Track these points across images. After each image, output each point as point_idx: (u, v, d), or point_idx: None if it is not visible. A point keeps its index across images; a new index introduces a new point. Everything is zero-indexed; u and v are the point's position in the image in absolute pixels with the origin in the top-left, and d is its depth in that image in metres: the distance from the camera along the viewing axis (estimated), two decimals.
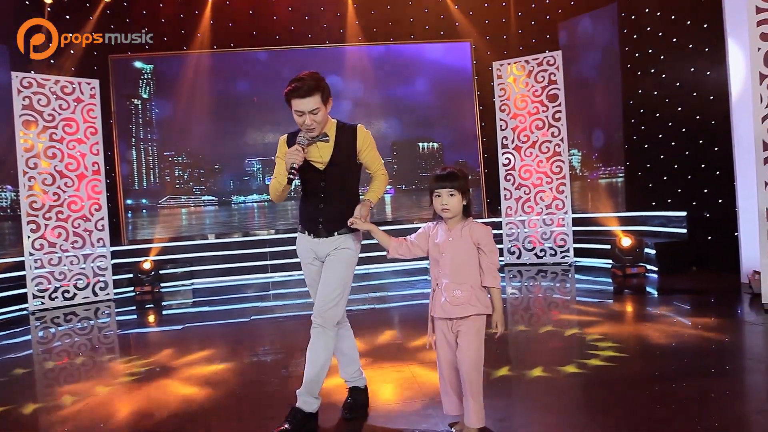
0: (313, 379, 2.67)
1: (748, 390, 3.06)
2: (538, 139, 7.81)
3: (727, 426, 2.46)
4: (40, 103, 7.07)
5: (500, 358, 3.72)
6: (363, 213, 2.67)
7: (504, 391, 3.13)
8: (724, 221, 6.07)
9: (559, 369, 3.38)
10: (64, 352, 4.84)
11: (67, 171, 7.23)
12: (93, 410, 3.24)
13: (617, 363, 3.43)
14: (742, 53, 5.35)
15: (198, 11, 8.79)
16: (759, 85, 4.40)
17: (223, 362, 4.13)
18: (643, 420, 2.59)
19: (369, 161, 2.84)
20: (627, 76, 7.66)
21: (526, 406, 2.96)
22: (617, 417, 2.67)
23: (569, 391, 3.10)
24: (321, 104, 2.61)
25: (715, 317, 4.42)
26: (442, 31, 9.24)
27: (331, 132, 2.75)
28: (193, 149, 8.88)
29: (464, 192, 2.40)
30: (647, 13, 7.16)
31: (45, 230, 7.05)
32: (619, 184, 8.00)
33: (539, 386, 3.16)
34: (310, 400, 2.69)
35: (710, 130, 6.31)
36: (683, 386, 2.98)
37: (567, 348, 3.92)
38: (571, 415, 2.76)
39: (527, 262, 7.93)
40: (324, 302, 2.68)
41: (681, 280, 6.04)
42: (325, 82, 2.66)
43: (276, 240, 8.79)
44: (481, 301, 2.37)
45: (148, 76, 8.75)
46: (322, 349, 2.69)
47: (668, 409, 2.69)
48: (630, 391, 2.98)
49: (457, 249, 2.40)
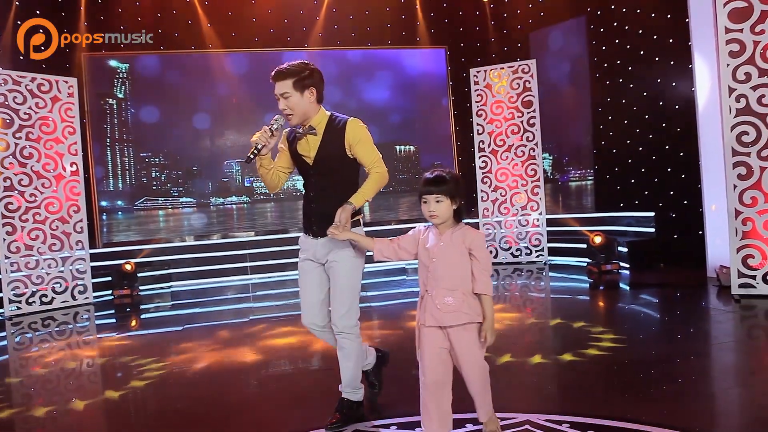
0: (352, 376, 2.79)
1: (726, 367, 3.43)
2: (514, 144, 8.17)
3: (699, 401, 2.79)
4: (16, 101, 6.86)
5: (504, 347, 3.96)
6: (341, 219, 2.52)
7: (506, 377, 3.37)
8: (690, 221, 6.58)
9: (557, 357, 3.66)
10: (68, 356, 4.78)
11: (44, 171, 7.04)
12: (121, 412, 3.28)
13: (610, 351, 3.74)
14: (707, 68, 5.85)
15: (176, 11, 8.71)
16: (728, 98, 4.85)
17: (239, 359, 4.20)
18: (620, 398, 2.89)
19: (361, 157, 2.70)
20: (596, 84, 8.13)
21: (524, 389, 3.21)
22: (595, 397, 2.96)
23: (559, 376, 3.38)
24: (292, 89, 2.62)
25: (689, 307, 4.85)
26: (418, 37, 9.50)
27: (321, 125, 2.71)
28: (170, 150, 8.78)
29: (453, 196, 2.29)
30: (615, 27, 7.64)
31: (21, 232, 6.85)
32: (589, 186, 8.47)
33: (540, 371, 3.43)
34: (355, 391, 2.84)
35: (676, 136, 6.82)
36: (667, 368, 3.32)
37: (560, 338, 4.22)
38: (556, 396, 3.03)
39: (503, 261, 8.28)
40: (337, 312, 2.72)
41: (652, 276, 6.50)
42: (309, 72, 2.66)
43: (256, 242, 8.80)
44: (473, 309, 2.28)
45: (124, 76, 8.60)
46: (352, 351, 2.76)
47: (657, 389, 3.00)
48: (625, 373, 3.29)
49: (449, 254, 2.30)
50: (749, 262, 4.87)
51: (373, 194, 2.70)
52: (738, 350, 3.75)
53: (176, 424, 3.03)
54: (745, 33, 4.77)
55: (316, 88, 2.68)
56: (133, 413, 3.26)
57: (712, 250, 5.91)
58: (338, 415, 2.75)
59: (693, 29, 5.97)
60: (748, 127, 4.79)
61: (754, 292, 4.84)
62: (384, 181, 2.72)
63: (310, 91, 2.65)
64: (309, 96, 2.66)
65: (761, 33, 4.71)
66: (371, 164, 2.69)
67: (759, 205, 4.79)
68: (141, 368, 4.06)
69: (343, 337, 2.74)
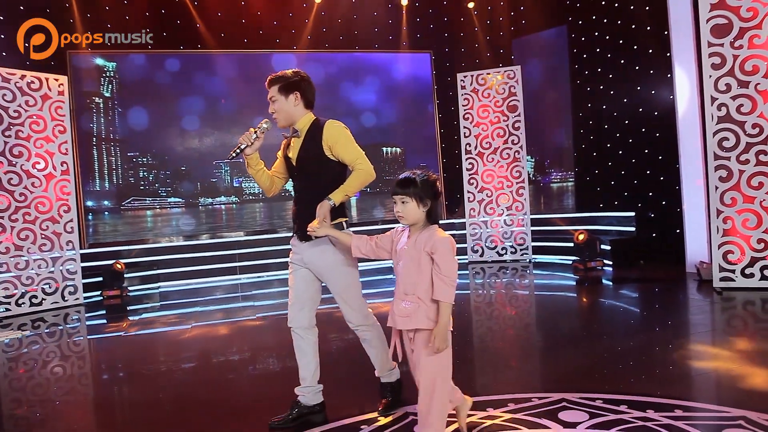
0: (382, 361, 2.93)
1: (713, 349, 3.78)
2: (499, 146, 8.49)
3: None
4: (5, 98, 6.73)
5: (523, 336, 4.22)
6: (320, 214, 2.59)
7: (530, 361, 3.62)
8: (668, 220, 7.03)
9: (572, 342, 3.94)
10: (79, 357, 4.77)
11: (34, 170, 6.93)
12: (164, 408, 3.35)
13: (617, 337, 4.04)
14: (687, 78, 6.28)
15: (165, 10, 8.67)
16: (711, 106, 5.25)
17: (265, 356, 4.31)
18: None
19: (343, 156, 2.73)
20: (576, 91, 8.54)
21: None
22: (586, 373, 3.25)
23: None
24: (278, 93, 2.78)
25: (675, 299, 5.24)
26: (405, 41, 9.73)
27: (305, 128, 2.82)
28: (158, 150, 8.72)
29: (421, 198, 2.23)
30: (597, 36, 8.06)
31: (11, 232, 6.72)
32: (570, 187, 8.88)
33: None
34: (390, 373, 2.99)
35: (655, 141, 7.26)
36: (657, 350, 3.64)
37: (570, 327, 4.51)
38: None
39: (489, 260, 8.59)
40: (347, 314, 2.86)
41: (635, 272, 6.90)
42: (297, 79, 2.80)
43: (245, 242, 8.84)
44: (428, 315, 2.20)
45: (111, 74, 8.50)
46: (374, 339, 2.90)
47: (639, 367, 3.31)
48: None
49: (410, 257, 2.25)
50: (729, 257, 5.29)
51: (354, 190, 2.72)
52: (727, 333, 4.11)
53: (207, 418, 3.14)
54: (726, 47, 5.18)
55: (301, 92, 2.81)
56: (166, 410, 3.34)
57: (691, 247, 6.34)
58: (385, 400, 2.92)
59: (673, 42, 6.39)
60: (729, 133, 5.20)
61: (733, 285, 5.26)
62: (368, 177, 2.72)
63: (294, 95, 2.79)
64: (294, 100, 2.79)
65: (740, 48, 5.12)
66: (353, 162, 2.72)
67: (738, 204, 5.21)
68: (166, 367, 4.12)
69: (362, 331, 2.88)
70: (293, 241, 2.91)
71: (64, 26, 8.05)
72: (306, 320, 2.87)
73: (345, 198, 2.69)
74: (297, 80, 2.81)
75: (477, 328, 4.79)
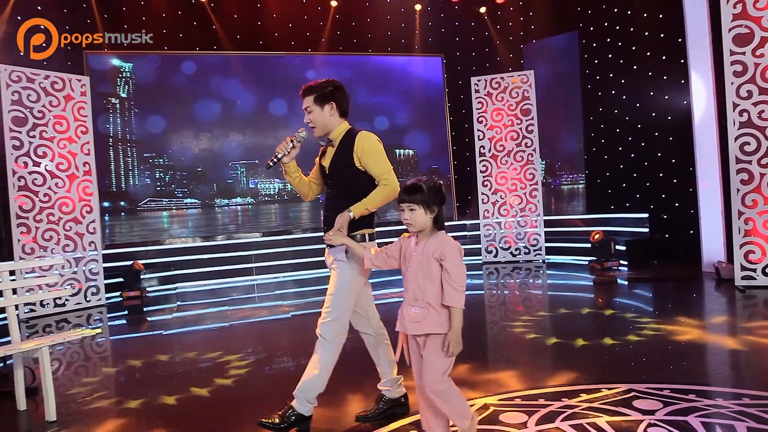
0: (310, 386, 2.74)
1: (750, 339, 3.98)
2: (513, 149, 8.68)
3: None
4: (30, 98, 6.72)
5: (549, 329, 4.37)
6: (337, 223, 2.62)
7: (587, 356, 3.78)
8: (681, 222, 7.27)
9: (618, 338, 4.11)
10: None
11: (58, 171, 6.92)
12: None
13: (659, 332, 4.22)
14: (703, 84, 6.53)
15: (181, 11, 8.70)
16: (732, 112, 5.49)
17: None
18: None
19: (370, 169, 2.74)
20: (587, 95, 8.77)
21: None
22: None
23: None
24: (313, 104, 2.80)
25: (699, 296, 5.46)
26: (417, 45, 9.89)
27: (339, 138, 2.85)
28: (174, 151, 8.74)
29: (428, 205, 2.25)
30: (608, 43, 8.30)
31: (35, 233, 6.71)
32: (580, 190, 9.11)
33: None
34: (303, 403, 2.76)
35: (668, 144, 7.50)
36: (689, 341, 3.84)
37: (604, 323, 4.68)
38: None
39: (502, 260, 8.77)
40: (323, 317, 2.77)
41: (652, 272, 7.09)
42: (330, 88, 2.82)
43: (260, 243, 8.89)
44: (438, 321, 2.23)
45: (127, 75, 8.50)
46: (321, 360, 2.73)
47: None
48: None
49: (419, 263, 2.27)
50: (750, 257, 5.52)
51: (376, 205, 2.70)
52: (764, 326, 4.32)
53: None
54: (747, 56, 5.41)
55: (337, 102, 2.82)
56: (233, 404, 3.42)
57: (707, 247, 6.58)
58: (276, 418, 2.73)
59: (690, 49, 6.63)
60: (750, 138, 5.44)
61: (754, 283, 5.50)
62: (391, 194, 2.69)
63: (330, 105, 2.81)
64: (329, 110, 2.81)
65: (761, 56, 5.36)
66: (380, 176, 2.72)
67: (759, 206, 5.45)
68: (227, 365, 4.20)
69: (320, 343, 2.76)
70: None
71: (81, 27, 8.02)
72: (362, 318, 2.94)
73: (365, 212, 2.68)
74: (331, 90, 2.82)
75: (515, 324, 4.93)
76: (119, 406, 3.38)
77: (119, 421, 3.15)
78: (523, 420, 2.76)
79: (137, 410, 3.31)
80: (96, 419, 3.20)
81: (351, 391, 3.37)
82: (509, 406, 2.97)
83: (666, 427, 2.57)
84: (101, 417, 3.23)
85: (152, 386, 3.75)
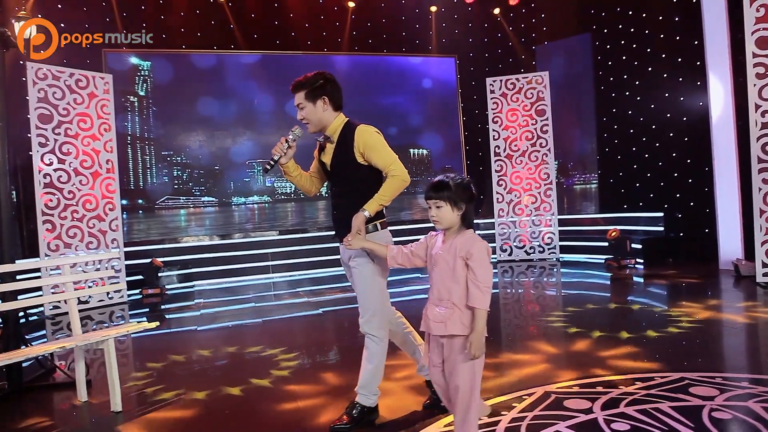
0: (369, 379, 2.77)
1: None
2: (528, 149, 8.81)
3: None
4: (55, 96, 6.75)
5: (595, 324, 4.47)
6: (354, 226, 2.56)
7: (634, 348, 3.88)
8: (696, 221, 7.42)
9: (644, 334, 4.22)
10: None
11: (82, 168, 6.95)
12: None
13: (700, 324, 4.33)
14: (721, 86, 6.67)
15: (199, 11, 8.75)
16: (755, 113, 5.63)
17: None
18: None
19: (376, 162, 2.66)
20: (600, 96, 8.92)
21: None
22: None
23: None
24: (305, 100, 2.70)
25: (723, 292, 5.60)
26: (430, 46, 9.99)
27: (337, 133, 2.76)
28: (192, 150, 8.78)
29: (455, 202, 2.19)
30: (622, 45, 8.44)
31: (60, 230, 6.74)
32: (592, 189, 9.25)
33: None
34: (368, 396, 2.80)
35: (683, 145, 7.65)
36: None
37: (640, 318, 4.80)
38: None
39: (517, 259, 8.88)
40: (361, 317, 2.78)
41: (669, 269, 7.21)
42: (321, 82, 2.71)
43: (278, 241, 8.94)
44: (463, 322, 2.16)
45: (146, 73, 8.53)
46: (374, 354, 2.76)
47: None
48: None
49: (445, 263, 2.22)
50: None
51: (389, 198, 2.63)
52: None
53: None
54: None
55: (329, 96, 2.73)
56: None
57: (725, 245, 6.72)
58: (347, 417, 2.76)
59: (708, 52, 6.78)
60: None
61: None
62: (402, 183, 2.63)
63: (322, 100, 2.71)
64: (322, 105, 2.72)
65: None
66: (386, 168, 2.65)
67: None
68: (274, 358, 4.26)
69: (368, 339, 2.78)
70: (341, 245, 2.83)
71: (100, 26, 8.04)
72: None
73: (379, 208, 2.64)
74: (322, 83, 2.72)
75: (550, 319, 5.03)
76: (181, 398, 3.43)
77: (187, 411, 3.21)
78: (588, 406, 2.85)
79: (204, 401, 3.37)
80: (162, 409, 3.26)
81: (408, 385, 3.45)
82: (569, 393, 3.06)
83: (729, 411, 2.68)
84: (166, 407, 3.29)
85: (208, 378, 3.81)
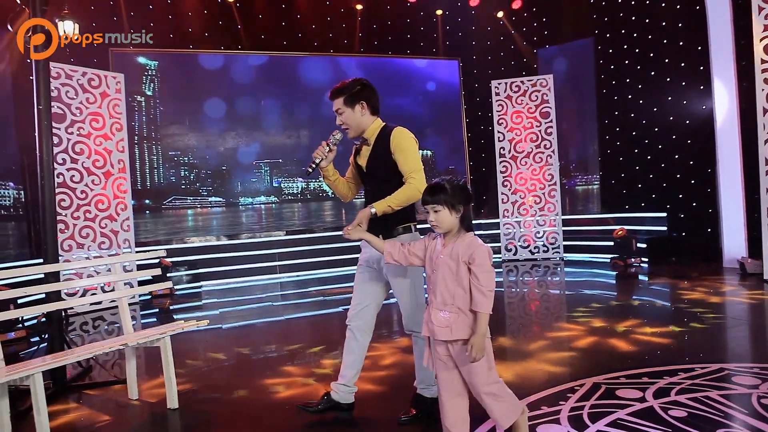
0: (425, 373, 2.83)
1: None
2: (532, 151, 8.97)
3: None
4: (68, 95, 6.70)
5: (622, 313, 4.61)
6: (357, 218, 2.58)
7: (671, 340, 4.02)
8: (699, 221, 7.64)
9: (684, 324, 4.37)
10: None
11: (94, 168, 6.90)
12: None
13: (717, 319, 4.50)
14: (726, 90, 6.90)
15: (207, 11, 8.74)
16: (762, 117, 5.85)
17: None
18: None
19: (400, 165, 2.70)
20: (602, 99, 9.13)
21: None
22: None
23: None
24: (344, 106, 2.80)
25: (734, 289, 5.79)
26: (434, 48, 10.11)
27: (374, 136, 2.84)
28: (199, 150, 8.76)
29: (453, 205, 2.18)
30: (625, 50, 8.65)
31: (73, 230, 6.68)
32: (594, 190, 9.45)
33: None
34: (429, 387, 2.87)
35: (686, 147, 7.87)
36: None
37: (660, 312, 4.95)
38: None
39: (521, 258, 9.04)
40: (403, 316, 2.82)
41: (675, 268, 7.38)
42: (359, 88, 2.81)
43: (285, 241, 8.97)
44: (468, 325, 2.17)
45: (153, 73, 8.50)
46: (417, 354, 2.86)
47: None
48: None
49: (448, 267, 2.21)
50: None
51: (398, 204, 2.64)
52: None
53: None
54: None
55: (367, 101, 2.82)
56: None
57: (729, 244, 6.95)
58: (414, 410, 2.85)
59: (713, 57, 7.00)
60: None
61: None
62: (415, 194, 2.62)
63: (360, 105, 2.81)
64: (360, 110, 2.81)
65: None
66: (408, 173, 2.67)
67: None
68: (314, 354, 4.30)
69: (414, 336, 2.85)
70: (362, 242, 2.83)
71: (106, 25, 7.97)
72: (363, 320, 2.90)
73: (388, 209, 2.63)
74: (360, 89, 2.81)
75: (575, 315, 5.15)
76: (230, 396, 3.45)
77: (241, 407, 3.25)
78: (639, 395, 2.97)
79: (252, 398, 3.40)
80: (216, 406, 3.28)
81: None
82: (617, 384, 3.17)
83: None
84: (219, 405, 3.31)
85: (251, 375, 3.84)
